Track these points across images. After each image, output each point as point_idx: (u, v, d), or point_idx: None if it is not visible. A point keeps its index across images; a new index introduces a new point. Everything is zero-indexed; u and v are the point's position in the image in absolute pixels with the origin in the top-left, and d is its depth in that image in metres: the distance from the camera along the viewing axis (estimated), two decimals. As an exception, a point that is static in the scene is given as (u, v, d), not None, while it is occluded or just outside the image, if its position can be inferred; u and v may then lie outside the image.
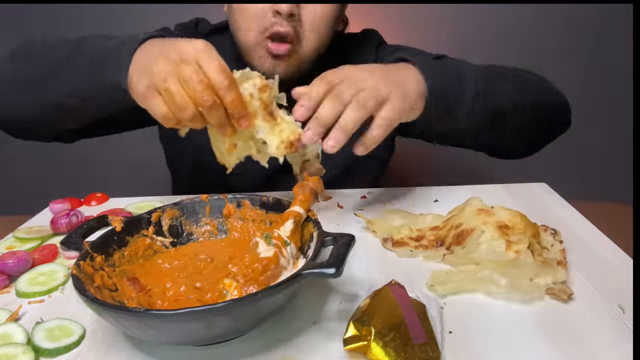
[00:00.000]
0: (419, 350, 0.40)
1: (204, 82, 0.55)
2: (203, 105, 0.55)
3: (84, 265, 0.46)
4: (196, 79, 0.54)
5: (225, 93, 0.56)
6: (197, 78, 0.55)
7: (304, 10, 0.82)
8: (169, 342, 0.44)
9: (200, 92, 0.55)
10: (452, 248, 0.58)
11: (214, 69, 0.55)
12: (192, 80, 0.55)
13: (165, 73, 0.56)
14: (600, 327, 0.46)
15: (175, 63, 0.56)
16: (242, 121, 0.58)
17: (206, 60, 0.56)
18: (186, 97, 0.55)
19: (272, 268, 0.46)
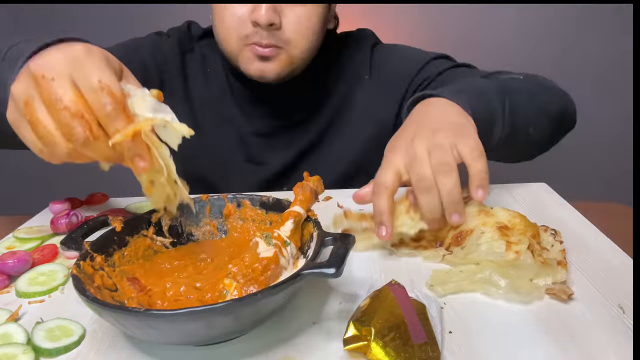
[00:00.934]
0: (419, 350, 0.40)
1: (73, 109, 0.40)
2: (73, 140, 0.41)
3: (84, 265, 0.46)
4: (61, 105, 0.40)
5: (107, 122, 0.41)
6: (61, 104, 0.40)
7: (285, 17, 0.80)
8: (169, 342, 0.44)
9: (67, 123, 0.40)
10: (452, 249, 0.58)
11: (90, 87, 0.40)
12: (56, 107, 0.40)
13: (25, 95, 0.41)
14: (600, 327, 0.46)
15: (35, 80, 0.41)
16: (137, 160, 0.44)
17: (83, 74, 0.41)
18: (52, 128, 0.41)
19: (272, 268, 0.46)
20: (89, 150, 0.42)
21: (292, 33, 0.81)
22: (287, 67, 0.84)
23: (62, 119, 0.40)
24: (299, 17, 0.81)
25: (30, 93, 0.41)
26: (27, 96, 0.42)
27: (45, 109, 0.41)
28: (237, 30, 0.81)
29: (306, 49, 0.84)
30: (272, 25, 0.78)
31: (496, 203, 0.63)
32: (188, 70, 0.96)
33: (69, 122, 0.40)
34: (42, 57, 0.42)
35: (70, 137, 0.41)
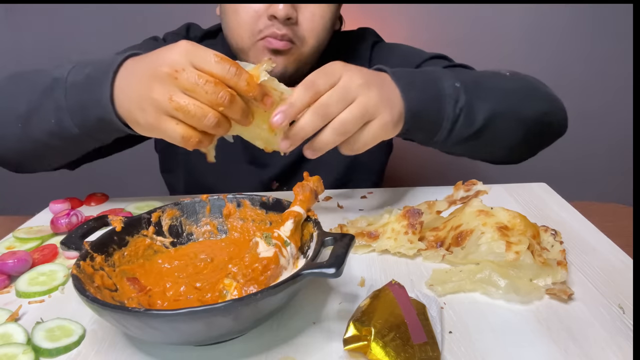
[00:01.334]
0: (419, 350, 0.40)
1: (212, 81, 0.51)
2: (222, 104, 0.52)
3: (84, 265, 0.46)
4: (202, 81, 0.51)
5: (237, 80, 0.52)
6: (203, 80, 0.51)
7: (302, 13, 0.81)
8: (169, 342, 0.44)
9: (212, 92, 0.51)
10: (452, 249, 0.58)
11: (213, 63, 0.52)
12: (199, 85, 0.51)
13: (168, 92, 0.52)
14: (600, 327, 0.46)
15: (171, 77, 0.52)
16: (267, 99, 0.55)
17: (200, 58, 0.52)
18: (201, 104, 0.52)
19: (272, 268, 0.46)
20: (233, 110, 0.53)
21: (306, 30, 0.82)
22: (295, 64, 0.84)
23: (209, 91, 0.51)
24: (314, 15, 0.82)
25: (170, 89, 0.52)
26: (169, 93, 0.52)
27: (185, 95, 0.52)
28: (251, 24, 0.81)
29: (315, 47, 0.85)
30: (290, 19, 0.78)
31: (496, 203, 0.63)
32: None
33: (214, 90, 0.51)
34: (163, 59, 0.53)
35: (218, 101, 0.51)
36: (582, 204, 0.73)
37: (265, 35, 0.80)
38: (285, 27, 0.79)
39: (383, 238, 0.60)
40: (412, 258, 0.59)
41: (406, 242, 0.59)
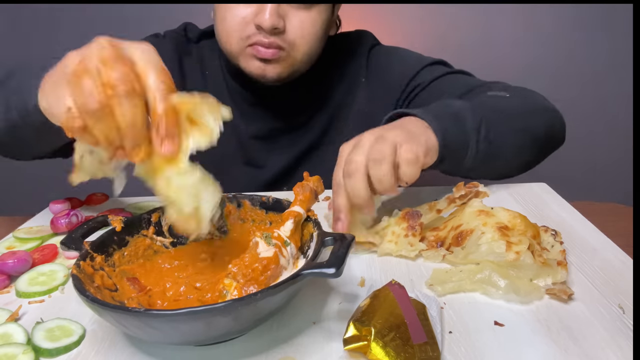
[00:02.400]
0: (419, 350, 0.40)
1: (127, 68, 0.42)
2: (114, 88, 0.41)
3: (84, 265, 0.46)
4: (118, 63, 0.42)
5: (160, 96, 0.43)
6: (119, 62, 0.42)
7: (289, 22, 0.79)
8: (169, 342, 0.44)
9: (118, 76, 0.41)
10: (452, 249, 0.58)
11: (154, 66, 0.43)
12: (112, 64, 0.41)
13: (81, 56, 0.43)
14: (600, 327, 0.46)
15: (100, 47, 0.43)
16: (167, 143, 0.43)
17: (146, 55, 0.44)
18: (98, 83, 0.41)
19: (272, 268, 0.46)
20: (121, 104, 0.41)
21: (296, 37, 0.81)
22: (288, 70, 0.84)
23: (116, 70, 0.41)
24: (303, 22, 0.80)
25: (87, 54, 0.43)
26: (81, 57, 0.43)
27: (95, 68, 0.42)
28: (239, 31, 0.80)
29: (308, 54, 0.84)
30: (276, 29, 0.78)
31: (496, 203, 0.63)
32: (186, 74, 0.95)
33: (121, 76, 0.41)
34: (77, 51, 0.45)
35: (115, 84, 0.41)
36: (582, 204, 0.73)
37: (253, 42, 0.80)
38: (272, 36, 0.79)
39: (384, 242, 0.60)
40: (414, 259, 0.59)
41: (407, 245, 0.59)
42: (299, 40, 0.81)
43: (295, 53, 0.82)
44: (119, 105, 0.41)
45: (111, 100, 0.41)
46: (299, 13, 0.80)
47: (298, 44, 0.82)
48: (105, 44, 0.43)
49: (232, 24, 0.80)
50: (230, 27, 0.81)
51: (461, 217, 0.60)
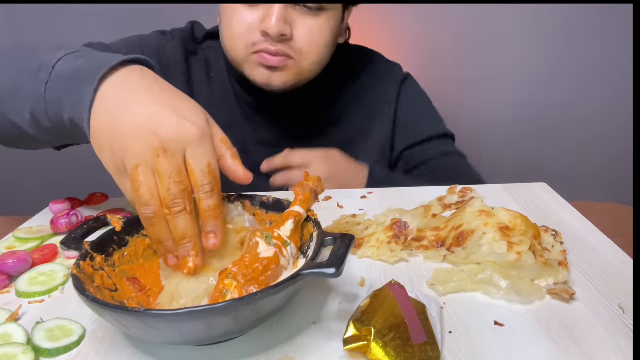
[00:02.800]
0: (419, 350, 0.40)
1: (183, 185, 0.45)
2: (170, 207, 0.45)
3: (84, 265, 0.46)
4: (175, 179, 0.45)
5: (204, 197, 0.47)
6: (176, 178, 0.45)
7: (297, 29, 0.78)
8: (169, 342, 0.44)
9: (173, 194, 0.45)
10: (453, 249, 0.58)
11: (200, 170, 0.46)
12: (169, 179, 0.45)
13: (140, 159, 0.45)
14: (600, 327, 0.46)
15: (154, 151, 0.45)
16: (212, 237, 0.48)
17: (196, 156, 0.46)
18: (154, 193, 0.45)
19: (273, 268, 0.46)
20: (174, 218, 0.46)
21: (304, 44, 0.79)
22: (294, 78, 0.82)
23: (171, 189, 0.45)
24: (311, 28, 0.79)
25: (146, 159, 0.45)
26: (139, 160, 0.45)
27: (153, 174, 0.45)
28: (245, 37, 0.79)
29: (316, 62, 0.83)
30: (283, 36, 0.76)
31: (496, 203, 0.62)
32: (192, 74, 0.94)
33: (176, 193, 0.45)
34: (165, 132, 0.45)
35: (170, 205, 0.45)
36: (582, 204, 0.73)
37: (259, 49, 0.78)
38: (279, 44, 0.77)
39: (367, 246, 0.60)
40: (392, 265, 0.58)
41: (387, 251, 0.59)
42: (307, 47, 0.80)
43: (303, 61, 0.81)
44: (172, 221, 0.46)
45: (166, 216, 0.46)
46: (306, 19, 0.79)
47: (306, 51, 0.80)
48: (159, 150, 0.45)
49: (238, 30, 0.79)
50: (236, 33, 0.79)
51: (462, 217, 0.60)
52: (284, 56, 0.79)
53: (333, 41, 0.84)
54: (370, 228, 0.64)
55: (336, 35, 0.86)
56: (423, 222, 0.63)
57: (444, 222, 0.63)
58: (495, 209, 0.59)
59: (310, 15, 0.79)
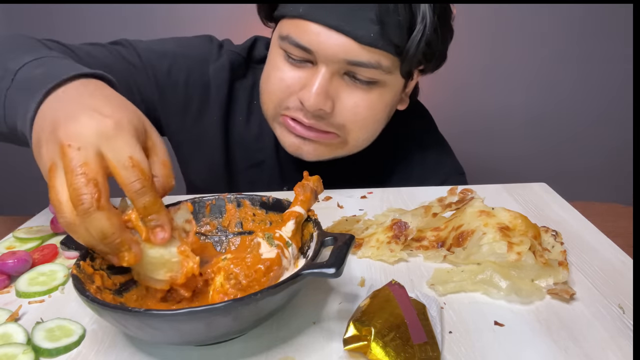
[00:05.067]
0: (419, 350, 0.40)
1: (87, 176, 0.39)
2: (76, 207, 0.39)
3: (84, 265, 0.46)
4: (78, 172, 0.39)
5: (136, 197, 0.41)
6: (79, 170, 0.39)
7: (340, 103, 0.67)
8: (169, 342, 0.44)
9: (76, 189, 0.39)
10: (453, 249, 0.58)
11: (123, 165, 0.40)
12: (72, 174, 0.39)
13: (50, 161, 0.42)
14: (600, 327, 0.46)
15: (60, 149, 0.41)
16: (159, 232, 0.43)
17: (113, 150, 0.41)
18: (65, 198, 0.40)
19: (275, 269, 0.46)
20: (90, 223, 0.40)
21: (347, 121, 0.70)
22: (333, 152, 0.73)
23: (74, 184, 0.39)
24: (358, 105, 0.68)
25: (55, 159, 0.41)
26: (51, 162, 0.41)
27: (63, 176, 0.41)
28: (280, 97, 0.70)
29: (362, 139, 0.73)
30: (321, 110, 0.67)
31: (496, 203, 0.63)
32: (232, 102, 0.84)
33: (80, 187, 0.39)
34: (73, 127, 0.41)
35: (75, 203, 0.39)
36: (582, 204, 0.73)
37: (291, 116, 0.70)
38: (314, 118, 0.68)
39: (367, 246, 0.61)
40: (392, 265, 0.59)
41: (387, 251, 0.59)
42: (350, 125, 0.70)
43: (346, 137, 0.72)
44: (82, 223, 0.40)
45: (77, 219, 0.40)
46: (354, 93, 0.68)
47: (349, 128, 0.70)
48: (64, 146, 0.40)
49: (274, 87, 0.70)
50: (272, 90, 0.71)
51: (462, 217, 0.60)
52: (318, 131, 0.70)
53: (386, 116, 0.74)
54: (370, 228, 0.64)
55: (391, 109, 0.75)
56: (423, 222, 0.63)
57: (444, 222, 0.63)
58: (495, 209, 0.59)
59: (359, 89, 0.68)
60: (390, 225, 0.61)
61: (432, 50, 0.68)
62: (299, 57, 0.68)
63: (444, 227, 0.62)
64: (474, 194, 0.64)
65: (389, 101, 0.71)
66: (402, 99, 0.78)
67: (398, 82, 0.71)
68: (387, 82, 0.69)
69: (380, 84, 0.69)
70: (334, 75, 0.67)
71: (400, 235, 0.60)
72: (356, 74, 0.67)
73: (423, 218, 0.63)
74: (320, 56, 0.65)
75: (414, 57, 0.66)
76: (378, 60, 0.65)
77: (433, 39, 0.66)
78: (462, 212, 0.61)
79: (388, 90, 0.70)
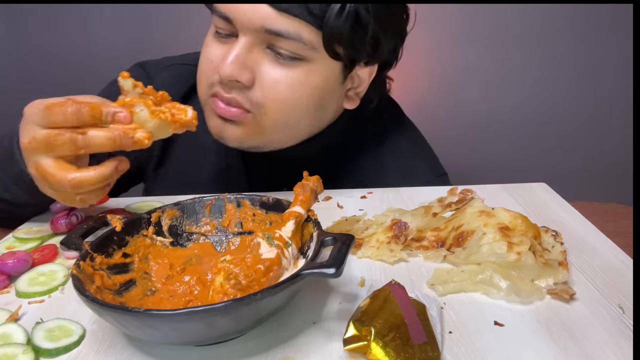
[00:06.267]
0: (419, 350, 0.40)
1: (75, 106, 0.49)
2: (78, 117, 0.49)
3: (84, 265, 0.46)
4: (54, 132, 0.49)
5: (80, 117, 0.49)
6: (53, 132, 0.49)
7: (261, 77, 0.64)
8: (169, 342, 0.44)
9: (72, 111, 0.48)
10: (453, 249, 0.58)
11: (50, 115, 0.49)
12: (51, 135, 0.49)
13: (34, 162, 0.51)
14: (600, 327, 0.46)
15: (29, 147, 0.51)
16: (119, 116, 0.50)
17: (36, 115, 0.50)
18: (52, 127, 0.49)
19: (275, 269, 0.46)
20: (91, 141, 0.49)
21: (264, 98, 0.65)
22: (253, 137, 0.68)
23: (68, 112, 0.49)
24: (278, 82, 0.64)
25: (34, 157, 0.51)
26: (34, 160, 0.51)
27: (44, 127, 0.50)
28: (207, 75, 0.67)
29: (283, 123, 0.67)
30: (237, 82, 0.64)
31: (496, 203, 0.63)
32: None
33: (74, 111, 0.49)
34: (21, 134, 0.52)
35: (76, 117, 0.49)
36: (582, 204, 0.73)
37: (213, 93, 0.67)
38: (233, 90, 0.64)
39: (367, 246, 0.61)
40: (392, 264, 0.58)
41: (387, 251, 0.59)
42: (269, 103, 0.65)
43: (262, 118, 0.66)
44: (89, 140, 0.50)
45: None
46: (275, 69, 0.64)
47: (267, 107, 0.65)
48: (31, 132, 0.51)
49: (204, 67, 0.68)
50: (202, 69, 0.68)
51: (462, 217, 0.60)
52: (240, 108, 0.66)
53: (314, 104, 0.68)
54: (370, 228, 0.64)
55: (322, 97, 0.68)
56: (423, 222, 0.63)
57: (444, 223, 0.63)
58: (495, 209, 0.59)
59: (281, 65, 0.64)
60: (390, 225, 0.61)
61: (362, 32, 0.64)
62: (224, 29, 0.66)
63: (444, 227, 0.62)
64: (474, 194, 0.64)
65: (316, 85, 0.66)
66: (350, 97, 0.74)
67: (328, 66, 0.66)
68: (313, 60, 0.64)
69: (304, 61, 0.64)
70: (254, 46, 0.64)
71: (400, 235, 0.60)
72: (278, 47, 0.63)
73: (423, 218, 0.63)
74: (239, 24, 0.63)
75: (337, 31, 0.62)
76: (297, 31, 0.61)
77: (364, 17, 0.62)
78: (462, 212, 0.61)
79: (315, 72, 0.65)
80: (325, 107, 0.71)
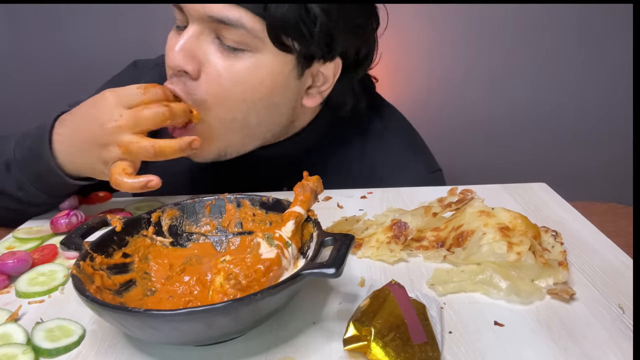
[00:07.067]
0: (419, 350, 0.40)
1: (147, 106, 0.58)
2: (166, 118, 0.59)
3: (84, 265, 0.46)
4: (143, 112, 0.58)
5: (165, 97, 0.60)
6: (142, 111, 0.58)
7: (205, 70, 0.62)
8: (169, 342, 0.44)
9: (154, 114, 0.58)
10: (453, 249, 0.58)
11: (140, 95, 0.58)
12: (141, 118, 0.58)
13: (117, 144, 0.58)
14: (600, 327, 0.46)
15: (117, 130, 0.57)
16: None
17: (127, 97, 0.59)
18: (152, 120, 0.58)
19: (275, 269, 0.46)
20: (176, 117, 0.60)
21: (209, 95, 0.63)
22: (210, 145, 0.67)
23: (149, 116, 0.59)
24: (220, 75, 0.62)
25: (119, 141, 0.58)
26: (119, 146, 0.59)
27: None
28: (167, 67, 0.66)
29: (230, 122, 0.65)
30: (185, 73, 0.62)
31: (496, 203, 0.63)
32: None
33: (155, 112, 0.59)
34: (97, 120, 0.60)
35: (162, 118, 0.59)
36: (582, 204, 0.73)
37: None
38: (179, 82, 0.63)
39: (367, 246, 0.61)
40: (392, 264, 0.59)
41: (387, 251, 0.59)
42: (212, 99, 0.63)
43: (207, 118, 0.64)
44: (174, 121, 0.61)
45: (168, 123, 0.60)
46: (220, 61, 0.62)
47: (209, 103, 0.63)
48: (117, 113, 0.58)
49: (166, 59, 0.65)
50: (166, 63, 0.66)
51: (462, 217, 0.60)
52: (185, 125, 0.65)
53: (264, 99, 0.65)
54: (370, 228, 0.64)
55: (272, 92, 0.65)
56: (423, 222, 0.63)
57: (444, 223, 0.63)
58: (495, 209, 0.59)
59: (225, 57, 0.62)
60: (390, 225, 0.61)
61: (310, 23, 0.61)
62: (180, 20, 0.65)
63: (443, 227, 0.62)
64: (473, 194, 0.64)
65: (262, 79, 0.63)
66: (311, 94, 0.71)
67: (277, 59, 0.63)
68: (260, 52, 0.62)
69: (250, 52, 0.62)
70: (202, 35, 0.62)
71: (400, 235, 0.60)
72: (223, 37, 0.61)
73: (423, 218, 0.63)
74: (187, 12, 0.62)
75: (280, 19, 0.59)
76: (239, 19, 0.59)
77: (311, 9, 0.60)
78: (462, 212, 0.61)
79: (261, 65, 0.63)
80: (279, 104, 0.68)
